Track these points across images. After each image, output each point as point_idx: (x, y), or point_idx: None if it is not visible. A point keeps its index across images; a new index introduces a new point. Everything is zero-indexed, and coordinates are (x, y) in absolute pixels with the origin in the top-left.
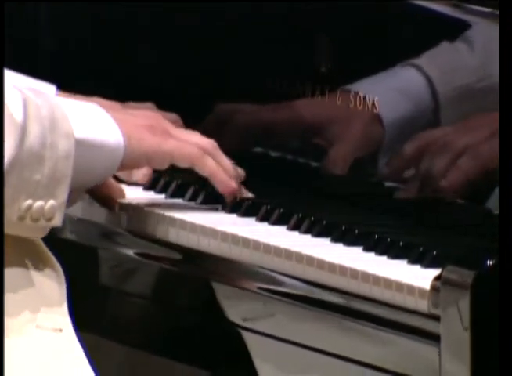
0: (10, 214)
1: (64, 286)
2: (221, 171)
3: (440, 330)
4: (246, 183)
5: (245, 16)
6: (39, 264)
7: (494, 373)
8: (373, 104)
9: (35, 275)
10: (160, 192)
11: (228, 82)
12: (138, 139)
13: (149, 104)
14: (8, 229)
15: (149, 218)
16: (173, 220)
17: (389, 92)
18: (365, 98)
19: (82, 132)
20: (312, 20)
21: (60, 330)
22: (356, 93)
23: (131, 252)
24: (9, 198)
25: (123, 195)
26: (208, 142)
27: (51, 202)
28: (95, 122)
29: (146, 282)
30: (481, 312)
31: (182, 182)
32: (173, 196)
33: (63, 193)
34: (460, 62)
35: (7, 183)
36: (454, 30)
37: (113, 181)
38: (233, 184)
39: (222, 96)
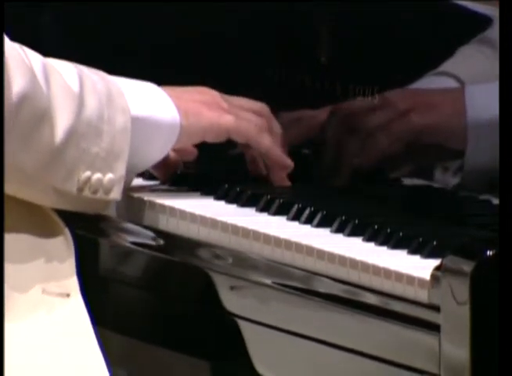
0: (70, 186)
1: (71, 243)
2: (277, 148)
3: (440, 320)
4: (245, 175)
5: (245, 7)
6: (47, 228)
7: (494, 362)
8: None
9: (43, 239)
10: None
11: (228, 72)
12: (195, 115)
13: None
14: (68, 204)
15: (149, 208)
16: (173, 210)
17: None
18: (365, 90)
19: (138, 110)
20: (315, 14)
21: (68, 295)
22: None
23: (130, 242)
24: (68, 169)
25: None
26: (263, 120)
27: (109, 175)
28: (150, 99)
29: (146, 272)
30: (480, 302)
31: (182, 172)
32: (173, 185)
33: (120, 168)
34: (491, 67)
35: (65, 155)
36: (474, 31)
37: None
38: (288, 161)
39: (221, 86)
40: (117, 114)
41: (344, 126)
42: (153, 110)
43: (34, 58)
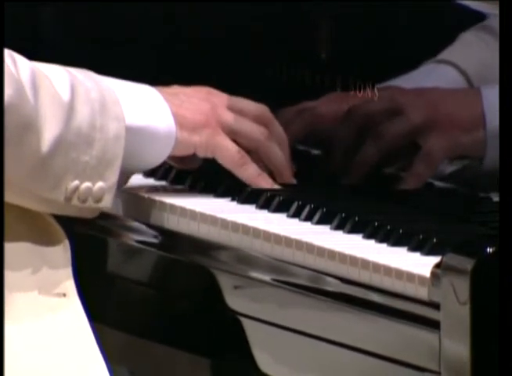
0: (57, 195)
1: (69, 251)
2: (259, 180)
3: (440, 317)
4: None
5: (245, 7)
6: (47, 236)
7: (494, 359)
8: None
9: (42, 247)
10: (161, 179)
11: (228, 69)
12: (190, 129)
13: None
14: (56, 210)
15: (149, 206)
16: (173, 207)
17: None
18: (365, 87)
19: (133, 118)
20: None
21: (64, 295)
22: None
23: (131, 239)
24: (55, 179)
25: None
26: (261, 133)
27: (99, 184)
28: (147, 108)
29: (146, 269)
30: (481, 300)
31: (182, 170)
32: (173, 183)
33: (112, 176)
34: (492, 55)
35: (52, 164)
36: (477, 22)
37: None
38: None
39: (222, 84)
40: (110, 122)
41: (356, 132)
42: (149, 120)
43: (23, 66)
